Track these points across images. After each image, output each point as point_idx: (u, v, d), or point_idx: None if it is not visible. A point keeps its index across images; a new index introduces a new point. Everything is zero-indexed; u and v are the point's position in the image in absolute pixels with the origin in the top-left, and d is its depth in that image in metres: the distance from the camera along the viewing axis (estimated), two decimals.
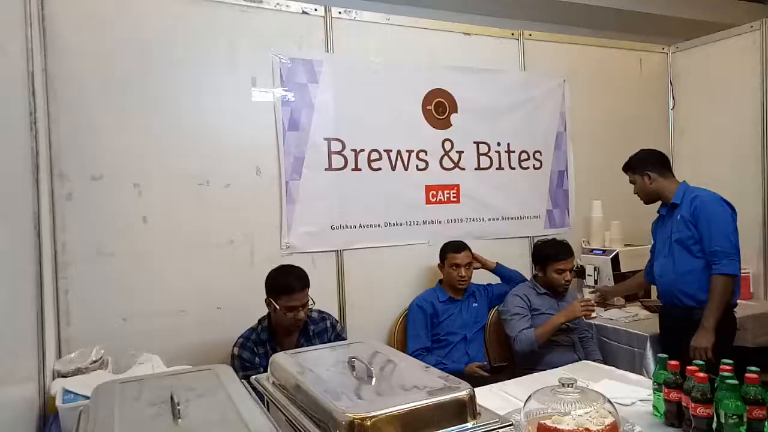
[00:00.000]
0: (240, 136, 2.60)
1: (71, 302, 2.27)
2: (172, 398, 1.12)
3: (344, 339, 2.42)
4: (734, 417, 1.39)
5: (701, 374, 1.49)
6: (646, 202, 2.66)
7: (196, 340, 2.49)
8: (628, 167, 2.67)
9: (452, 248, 2.84)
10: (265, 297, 2.27)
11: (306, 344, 2.29)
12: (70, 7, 2.26)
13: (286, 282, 2.21)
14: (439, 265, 2.90)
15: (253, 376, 1.42)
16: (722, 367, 1.49)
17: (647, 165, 2.59)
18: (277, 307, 2.19)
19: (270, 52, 2.65)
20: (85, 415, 1.17)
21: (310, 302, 2.24)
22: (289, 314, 2.19)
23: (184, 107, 2.49)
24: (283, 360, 1.40)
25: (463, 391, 1.15)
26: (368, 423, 1.04)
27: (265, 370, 2.15)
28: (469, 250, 2.86)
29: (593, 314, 2.57)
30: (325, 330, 2.39)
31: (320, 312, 2.41)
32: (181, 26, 2.48)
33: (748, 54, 3.37)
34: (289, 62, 2.69)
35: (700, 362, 1.55)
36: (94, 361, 2.03)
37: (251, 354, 2.22)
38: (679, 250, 2.50)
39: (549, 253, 2.77)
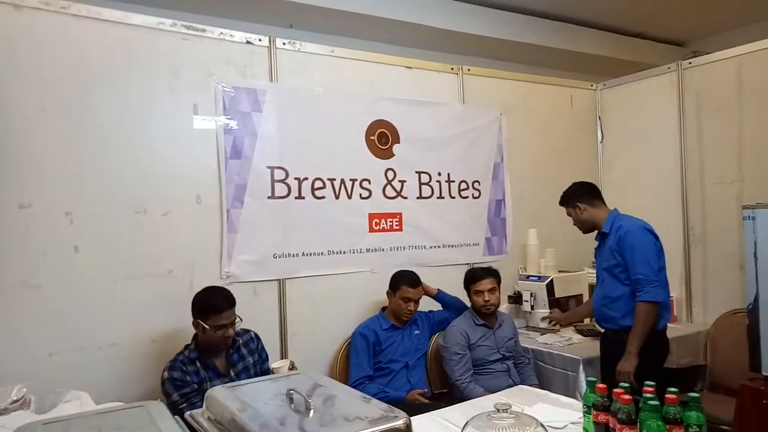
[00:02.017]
0: (180, 163, 2.56)
1: None
2: None
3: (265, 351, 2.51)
4: None
5: (626, 396, 1.57)
6: (584, 232, 2.79)
7: (129, 375, 2.39)
8: (562, 201, 2.81)
9: (407, 282, 2.83)
10: (193, 320, 2.28)
11: (235, 354, 2.35)
12: (2, 30, 2.19)
13: (213, 302, 2.26)
14: (388, 291, 2.90)
15: (188, 412, 1.39)
16: (645, 388, 1.57)
17: (577, 197, 2.74)
18: (206, 327, 2.22)
19: (213, 80, 2.64)
20: None
21: (237, 320, 2.31)
22: (219, 332, 2.24)
23: (121, 133, 2.43)
24: (219, 394, 1.38)
25: (399, 421, 1.17)
26: None
27: (199, 387, 2.17)
28: (422, 285, 2.91)
29: None
30: (251, 339, 2.45)
31: (244, 329, 2.44)
32: (120, 52, 2.43)
33: (667, 92, 3.63)
34: (232, 90, 2.69)
35: (626, 384, 1.63)
36: (15, 401, 1.90)
37: (182, 373, 2.20)
38: (608, 277, 2.63)
39: (468, 278, 2.90)
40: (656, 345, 2.55)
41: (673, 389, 1.56)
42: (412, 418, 1.25)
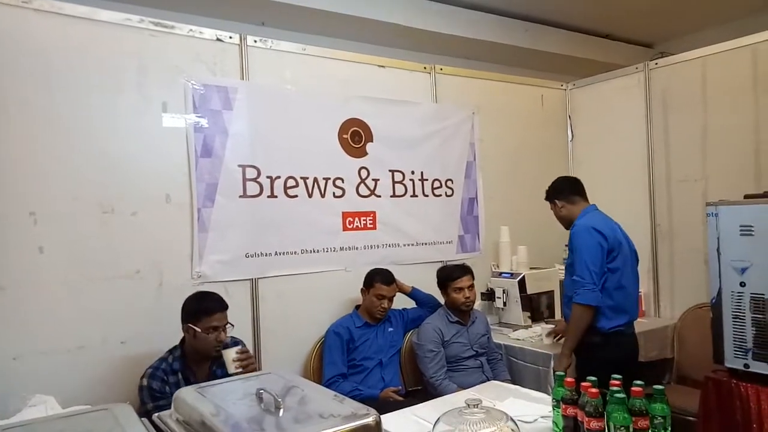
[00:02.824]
0: (149, 162, 2.52)
1: None
2: None
3: None
4: (622, 429, 1.50)
5: (593, 390, 1.61)
6: (565, 228, 2.77)
7: (97, 378, 2.34)
8: (545, 196, 2.82)
9: (382, 279, 2.85)
10: (182, 324, 2.23)
11: (219, 371, 2.27)
12: None
13: (205, 305, 2.22)
14: (362, 289, 2.91)
15: (155, 414, 1.37)
16: (612, 382, 1.61)
17: (555, 193, 2.76)
18: (198, 330, 2.16)
19: (182, 77, 2.60)
20: None
21: (229, 325, 2.25)
22: (211, 335, 2.18)
23: (88, 131, 2.38)
24: (187, 395, 1.36)
25: (369, 418, 1.17)
26: None
27: None
28: (396, 283, 2.91)
29: None
30: None
31: (232, 337, 2.37)
32: (85, 49, 2.37)
33: (634, 92, 3.71)
34: (202, 88, 2.65)
35: (593, 378, 1.67)
36: None
37: (161, 383, 2.14)
38: (567, 275, 2.68)
39: (445, 276, 2.92)
40: (618, 344, 2.55)
41: (638, 382, 1.60)
42: (385, 415, 1.26)
